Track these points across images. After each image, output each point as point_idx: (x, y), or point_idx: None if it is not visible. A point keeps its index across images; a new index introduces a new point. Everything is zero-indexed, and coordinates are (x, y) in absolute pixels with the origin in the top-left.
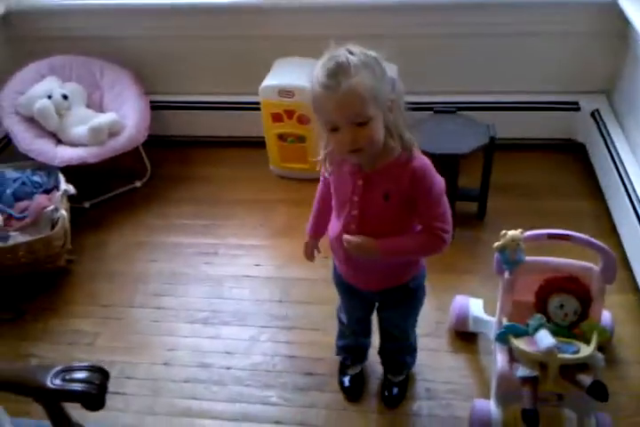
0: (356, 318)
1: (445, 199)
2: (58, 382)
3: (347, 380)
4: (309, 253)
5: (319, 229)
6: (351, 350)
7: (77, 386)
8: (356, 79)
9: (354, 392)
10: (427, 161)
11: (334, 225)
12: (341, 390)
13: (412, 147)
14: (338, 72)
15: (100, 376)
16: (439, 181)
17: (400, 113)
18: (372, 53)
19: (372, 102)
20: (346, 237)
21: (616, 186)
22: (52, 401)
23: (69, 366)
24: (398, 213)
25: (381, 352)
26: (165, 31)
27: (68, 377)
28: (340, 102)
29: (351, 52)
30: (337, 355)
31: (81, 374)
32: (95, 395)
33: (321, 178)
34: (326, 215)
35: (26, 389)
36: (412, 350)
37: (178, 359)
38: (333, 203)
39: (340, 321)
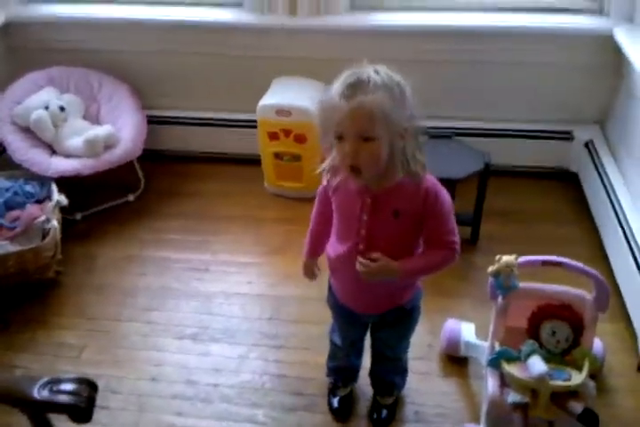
0: (351, 340)
1: (452, 214)
2: (45, 393)
3: (336, 401)
4: (310, 273)
5: (317, 249)
6: (342, 371)
7: (65, 398)
8: (372, 96)
9: (343, 414)
10: (434, 179)
11: (336, 246)
12: (330, 411)
13: (419, 173)
14: (356, 85)
15: (88, 389)
16: (448, 198)
17: (412, 140)
18: (398, 78)
19: (382, 123)
20: (363, 261)
21: (608, 214)
22: (39, 413)
23: (57, 377)
24: (407, 232)
25: (372, 373)
26: (165, 46)
27: (55, 389)
28: (351, 113)
29: (376, 71)
30: (327, 376)
31: (69, 386)
32: (83, 408)
33: (318, 196)
34: (324, 236)
35: (12, 399)
36: (402, 372)
37: (165, 375)
38: (336, 221)
39: (333, 343)
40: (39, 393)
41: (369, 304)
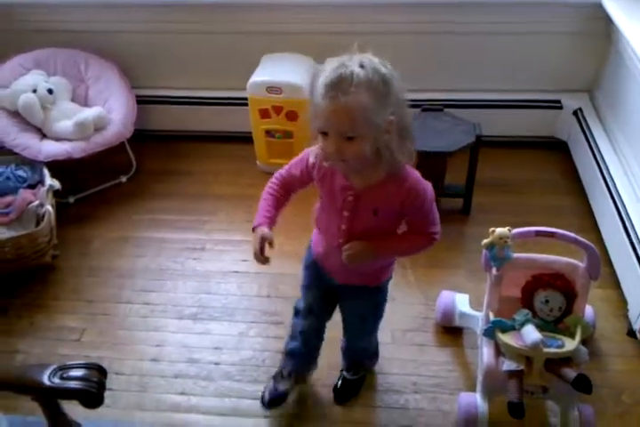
0: (313, 300)
1: (434, 205)
2: (56, 380)
3: (268, 394)
4: (262, 250)
5: (274, 218)
6: (299, 355)
7: (76, 384)
8: (353, 97)
9: (269, 404)
10: (416, 175)
11: (319, 236)
12: (261, 400)
13: (402, 165)
14: (338, 85)
15: (98, 374)
16: (430, 192)
17: (399, 132)
18: (384, 70)
19: (364, 123)
20: (346, 249)
21: (597, 183)
22: (50, 399)
23: (67, 363)
24: (386, 225)
25: (343, 351)
26: (153, 25)
27: (65, 375)
28: (332, 114)
29: (362, 65)
30: (281, 364)
31: (79, 372)
32: (94, 393)
33: (296, 161)
34: (282, 206)
35: (24, 387)
36: (372, 355)
37: (166, 355)
38: (320, 211)
39: (296, 311)
40: (50, 380)
41: (347, 276)
